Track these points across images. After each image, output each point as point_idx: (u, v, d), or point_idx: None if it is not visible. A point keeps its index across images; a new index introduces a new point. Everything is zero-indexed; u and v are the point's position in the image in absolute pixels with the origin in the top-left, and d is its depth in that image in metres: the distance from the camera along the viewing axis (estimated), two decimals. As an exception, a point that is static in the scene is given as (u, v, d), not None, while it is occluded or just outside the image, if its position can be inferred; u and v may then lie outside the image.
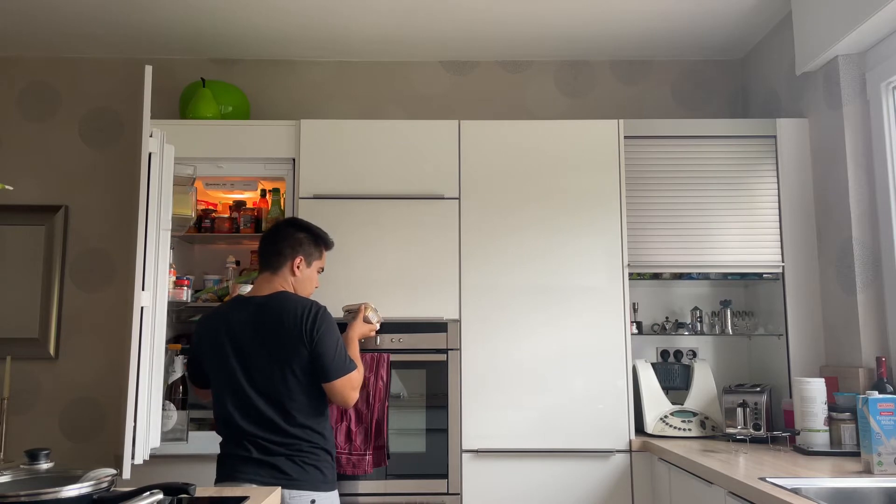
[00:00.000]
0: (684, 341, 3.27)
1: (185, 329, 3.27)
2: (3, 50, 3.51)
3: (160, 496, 1.34)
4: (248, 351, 2.21)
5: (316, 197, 2.95)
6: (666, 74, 3.64)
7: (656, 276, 3.10)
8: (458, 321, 2.89)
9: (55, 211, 3.43)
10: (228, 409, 2.19)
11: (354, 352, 2.40)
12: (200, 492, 1.72)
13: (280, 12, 3.15)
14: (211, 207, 3.34)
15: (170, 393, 2.68)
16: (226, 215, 3.26)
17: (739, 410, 2.80)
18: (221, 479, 2.17)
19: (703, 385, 3.02)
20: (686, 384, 3.07)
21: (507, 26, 3.28)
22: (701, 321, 3.15)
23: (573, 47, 3.51)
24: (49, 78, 3.55)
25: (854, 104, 2.76)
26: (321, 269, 2.49)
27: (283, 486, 2.10)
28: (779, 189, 3.01)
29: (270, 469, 2.13)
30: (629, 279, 2.96)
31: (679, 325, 3.19)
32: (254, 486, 2.08)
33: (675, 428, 2.89)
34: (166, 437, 2.62)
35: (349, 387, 2.24)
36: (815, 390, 2.51)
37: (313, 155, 3.00)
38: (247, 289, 2.74)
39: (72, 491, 1.30)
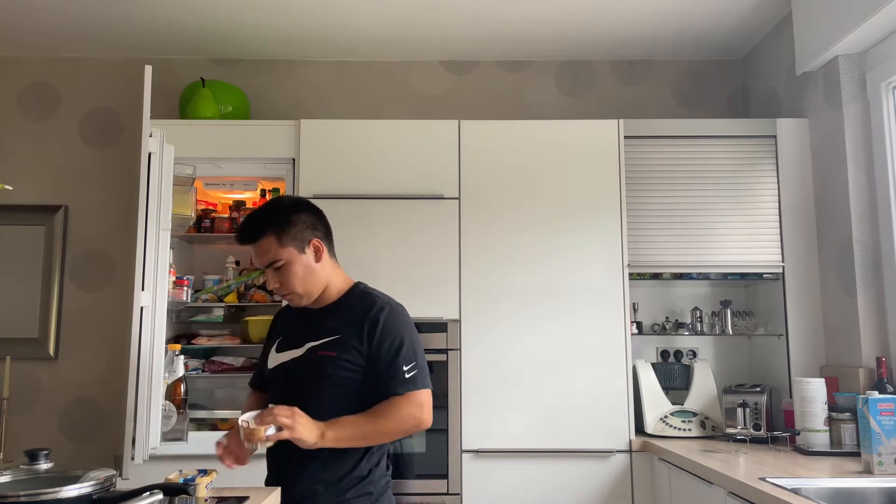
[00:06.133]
0: (684, 341, 3.27)
1: (184, 329, 3.27)
2: (3, 50, 3.51)
3: (160, 496, 1.34)
4: None
5: (315, 197, 2.95)
6: (666, 74, 3.64)
7: (656, 276, 3.10)
8: (458, 321, 2.89)
9: (55, 211, 3.43)
10: None
11: None
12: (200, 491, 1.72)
13: (280, 12, 3.14)
14: (211, 207, 3.35)
15: (170, 393, 2.68)
16: (226, 215, 3.26)
17: (739, 410, 2.80)
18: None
19: (704, 385, 3.02)
20: (686, 384, 3.07)
21: (507, 26, 3.28)
22: (701, 321, 3.15)
23: (573, 47, 3.51)
24: (49, 78, 3.55)
25: (854, 104, 2.76)
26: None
27: None
28: (779, 189, 3.00)
29: None
30: (629, 279, 2.96)
31: (679, 325, 3.19)
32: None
33: (675, 428, 2.89)
34: (166, 437, 2.61)
35: None
36: (815, 390, 2.51)
37: (313, 155, 3.00)
38: None
39: (72, 491, 1.30)
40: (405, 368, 1.78)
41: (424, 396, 1.80)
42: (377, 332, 1.80)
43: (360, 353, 1.80)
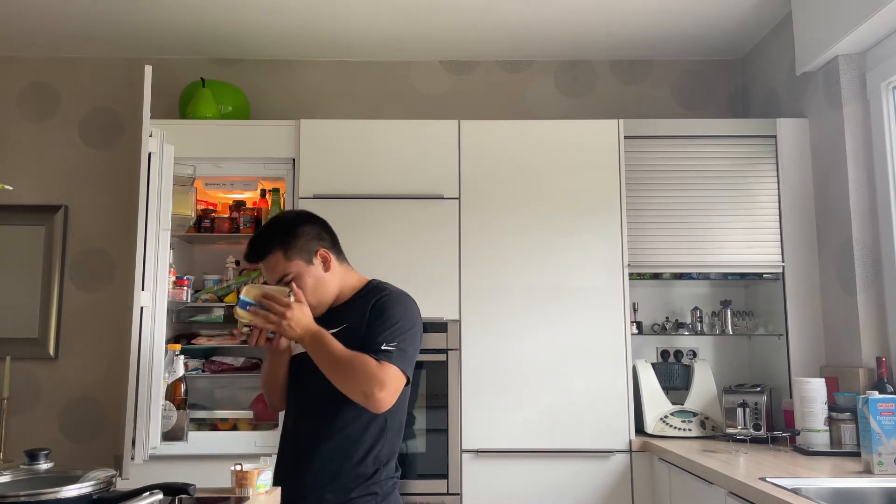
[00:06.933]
0: (684, 341, 3.27)
1: (184, 329, 3.27)
2: (3, 50, 3.51)
3: (160, 496, 1.34)
4: None
5: (316, 197, 2.95)
6: (666, 74, 3.64)
7: (656, 276, 3.10)
8: (458, 321, 2.89)
9: (55, 211, 3.43)
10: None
11: None
12: (200, 492, 1.72)
13: (280, 12, 3.14)
14: (211, 207, 3.35)
15: (170, 393, 2.68)
16: (225, 215, 3.26)
17: (739, 410, 2.80)
18: None
19: (704, 385, 3.02)
20: (686, 384, 3.07)
21: (507, 26, 3.28)
22: (701, 321, 3.15)
23: (573, 47, 3.51)
24: (49, 78, 3.55)
25: (854, 104, 2.76)
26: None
27: None
28: (779, 189, 3.00)
29: None
30: (629, 279, 2.96)
31: (679, 325, 3.19)
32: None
33: (675, 428, 2.89)
34: (166, 437, 2.61)
35: None
36: (815, 390, 2.51)
37: (313, 155, 3.00)
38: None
39: (72, 491, 1.30)
40: (385, 343, 1.76)
41: (393, 376, 1.73)
42: (375, 312, 1.83)
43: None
